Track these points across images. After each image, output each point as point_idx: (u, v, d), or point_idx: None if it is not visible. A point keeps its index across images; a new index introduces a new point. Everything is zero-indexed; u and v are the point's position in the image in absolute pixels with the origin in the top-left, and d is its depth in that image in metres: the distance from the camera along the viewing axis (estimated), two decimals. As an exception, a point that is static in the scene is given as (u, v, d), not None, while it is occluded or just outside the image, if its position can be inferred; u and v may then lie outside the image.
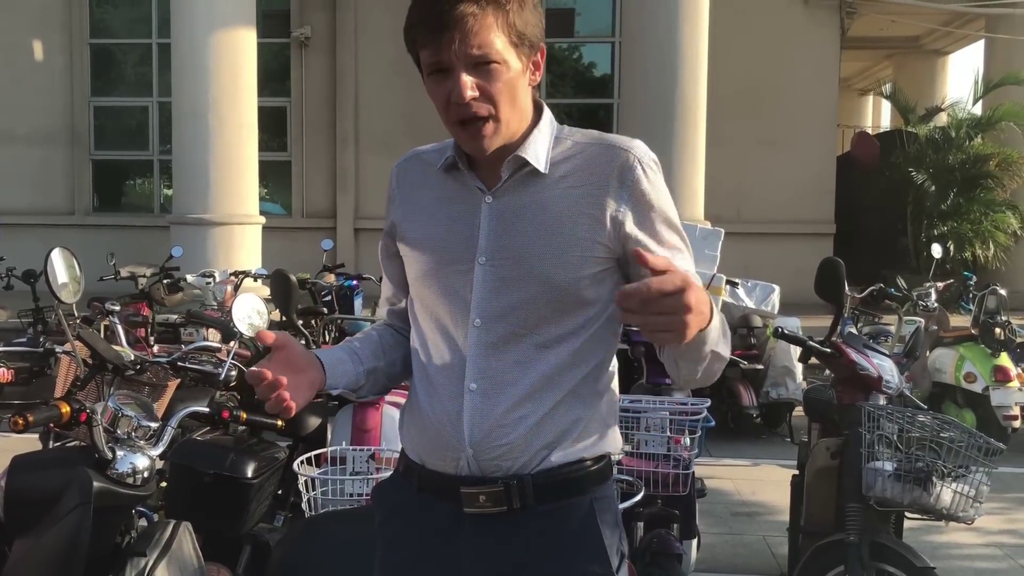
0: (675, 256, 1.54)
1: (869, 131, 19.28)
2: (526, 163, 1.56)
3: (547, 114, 1.62)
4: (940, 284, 7.67)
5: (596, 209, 1.54)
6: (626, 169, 1.54)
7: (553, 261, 1.53)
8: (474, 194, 1.60)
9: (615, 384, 1.69)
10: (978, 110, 13.74)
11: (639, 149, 1.58)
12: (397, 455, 3.04)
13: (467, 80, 1.47)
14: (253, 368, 1.53)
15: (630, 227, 1.54)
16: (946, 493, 3.08)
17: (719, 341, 1.49)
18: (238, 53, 10.35)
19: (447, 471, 1.59)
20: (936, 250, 8.10)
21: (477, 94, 1.48)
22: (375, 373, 1.72)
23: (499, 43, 1.48)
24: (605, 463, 1.64)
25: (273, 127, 13.61)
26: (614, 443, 1.66)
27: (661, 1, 9.52)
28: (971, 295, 8.29)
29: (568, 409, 1.58)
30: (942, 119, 14.23)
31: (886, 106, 21.27)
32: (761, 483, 5.76)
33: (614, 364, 1.67)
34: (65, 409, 2.23)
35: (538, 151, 1.57)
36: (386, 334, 1.78)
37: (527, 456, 1.56)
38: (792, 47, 13.25)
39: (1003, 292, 7.06)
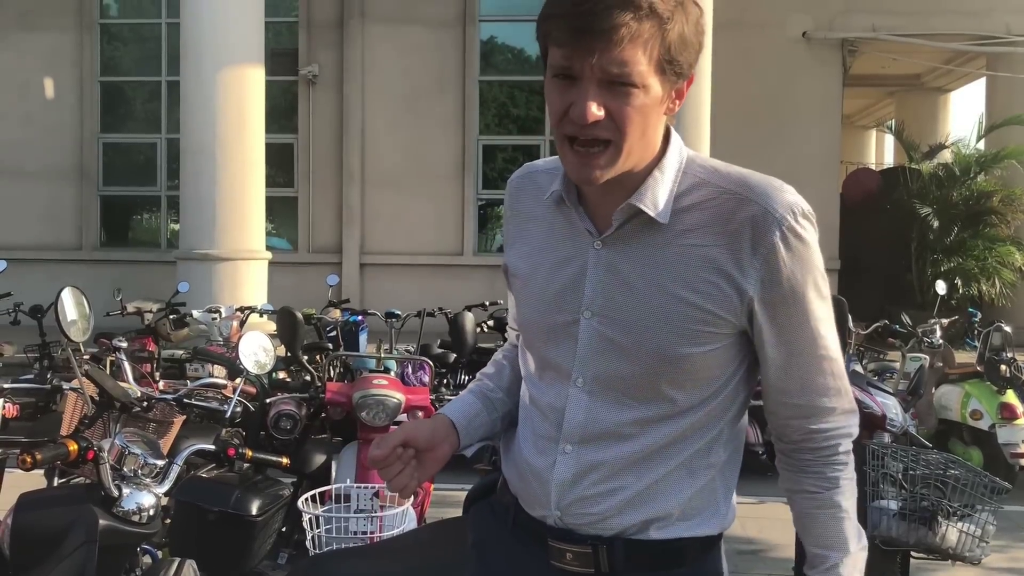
0: (802, 339, 1.34)
1: (872, 167, 19.36)
2: (642, 213, 1.34)
3: (675, 145, 1.38)
4: (945, 320, 7.66)
5: (722, 277, 1.32)
6: (761, 232, 1.30)
7: (667, 332, 1.33)
8: (582, 236, 1.39)
9: (739, 445, 1.48)
10: (982, 146, 13.80)
11: (783, 203, 1.31)
12: (401, 493, 3.06)
13: (592, 101, 1.25)
14: (375, 450, 1.43)
15: (756, 304, 1.32)
16: (952, 532, 3.07)
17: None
18: (246, 90, 10.48)
19: (537, 518, 1.47)
20: (940, 287, 8.10)
21: (602, 116, 1.26)
22: (508, 416, 1.59)
23: (644, 65, 1.25)
24: (711, 540, 1.46)
25: (280, 163, 13.72)
26: (726, 519, 1.45)
27: (664, 40, 9.63)
28: (976, 332, 8.27)
29: (674, 484, 1.40)
30: (945, 156, 14.29)
31: (889, 143, 21.38)
32: (767, 521, 5.72)
33: (744, 421, 1.48)
34: (73, 447, 2.25)
35: (657, 197, 1.34)
36: (517, 363, 1.61)
37: (620, 527, 1.40)
38: (795, 85, 13.36)
39: (1008, 329, 7.05)
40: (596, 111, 1.25)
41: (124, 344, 5.10)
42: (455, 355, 6.56)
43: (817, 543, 1.43)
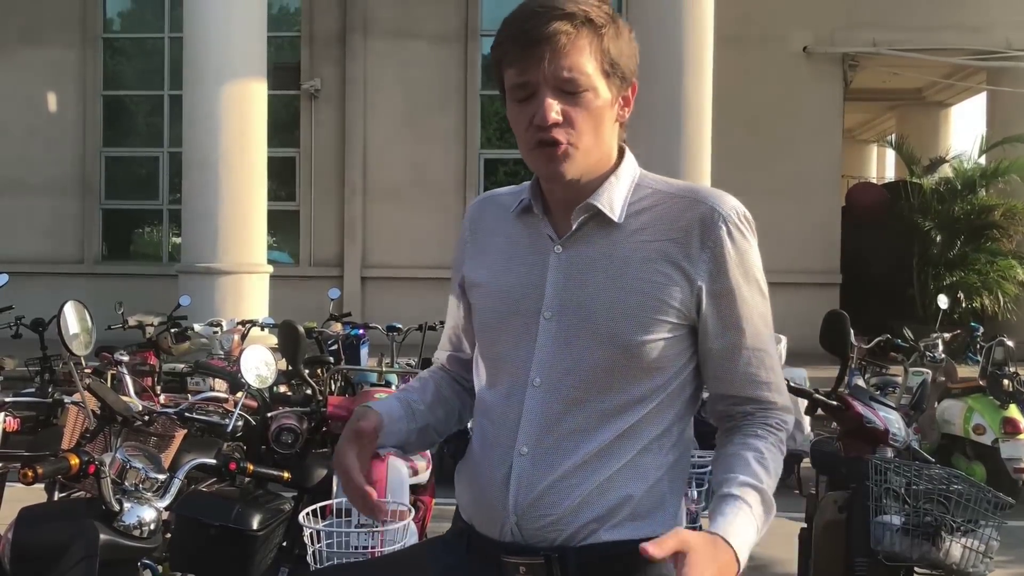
0: (744, 330, 1.45)
1: (874, 181, 19.40)
2: (598, 211, 1.46)
3: (629, 159, 1.52)
4: (947, 335, 7.65)
5: (673, 268, 1.43)
6: (709, 227, 1.43)
7: (622, 321, 1.42)
8: (544, 242, 1.50)
9: (687, 451, 1.53)
10: (983, 161, 13.82)
11: (724, 203, 1.45)
12: (403, 507, 3.06)
13: (552, 103, 1.39)
14: (361, 487, 1.49)
15: (704, 295, 1.43)
16: (955, 548, 3.06)
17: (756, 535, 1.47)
18: (248, 104, 10.52)
19: (492, 536, 1.49)
20: (942, 301, 8.08)
21: (560, 119, 1.40)
22: (425, 431, 1.63)
23: (590, 68, 1.40)
24: None
25: (282, 177, 13.75)
26: (676, 522, 1.50)
27: (665, 54, 9.67)
28: (978, 346, 8.25)
29: (624, 482, 1.45)
30: (945, 170, 14.31)
31: (890, 157, 21.41)
32: (769, 536, 5.67)
33: (689, 431, 1.53)
34: (74, 461, 2.24)
35: (612, 199, 1.46)
36: (444, 384, 1.68)
37: (573, 529, 1.44)
38: (796, 99, 13.40)
39: (1010, 343, 7.02)
40: (556, 114, 1.39)
41: (125, 358, 5.10)
42: (456, 369, 6.54)
43: (727, 471, 1.45)
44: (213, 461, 2.75)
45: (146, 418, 3.26)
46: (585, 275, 1.45)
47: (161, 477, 2.44)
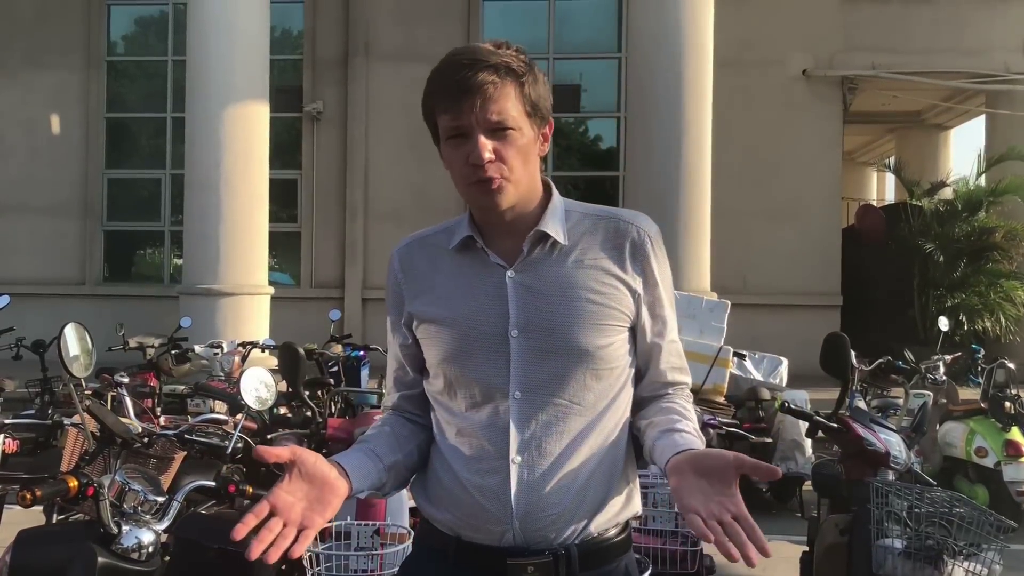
0: (667, 328, 1.72)
1: (874, 203, 19.43)
2: (548, 237, 1.65)
3: (556, 194, 1.72)
4: (948, 357, 7.63)
5: (615, 280, 1.65)
6: (637, 245, 1.67)
7: (584, 330, 1.61)
8: (493, 270, 1.66)
9: (631, 450, 1.73)
10: (982, 182, 13.84)
11: (646, 223, 1.70)
12: (403, 531, 3.04)
13: (486, 143, 1.56)
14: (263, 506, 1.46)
15: (641, 300, 1.67)
16: (958, 572, 3.04)
17: None
18: (250, 126, 10.56)
19: (489, 543, 1.60)
20: (943, 323, 8.07)
21: (493, 157, 1.56)
22: (395, 468, 1.69)
23: (515, 111, 1.58)
24: (628, 528, 1.72)
25: (283, 198, 13.79)
26: (638, 505, 1.73)
27: (665, 78, 9.72)
28: (979, 368, 8.23)
29: (603, 475, 1.63)
30: (946, 193, 14.34)
31: (890, 179, 21.46)
32: (771, 560, 5.66)
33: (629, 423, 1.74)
34: (73, 483, 2.24)
35: (556, 225, 1.66)
36: (398, 426, 1.75)
37: (572, 526, 1.60)
38: (795, 122, 13.45)
39: (1011, 365, 7.01)
40: (489, 153, 1.56)
41: (126, 379, 5.09)
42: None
43: (669, 412, 1.67)
44: (212, 483, 2.75)
45: (145, 440, 3.25)
46: (543, 293, 1.63)
47: (160, 499, 2.44)
